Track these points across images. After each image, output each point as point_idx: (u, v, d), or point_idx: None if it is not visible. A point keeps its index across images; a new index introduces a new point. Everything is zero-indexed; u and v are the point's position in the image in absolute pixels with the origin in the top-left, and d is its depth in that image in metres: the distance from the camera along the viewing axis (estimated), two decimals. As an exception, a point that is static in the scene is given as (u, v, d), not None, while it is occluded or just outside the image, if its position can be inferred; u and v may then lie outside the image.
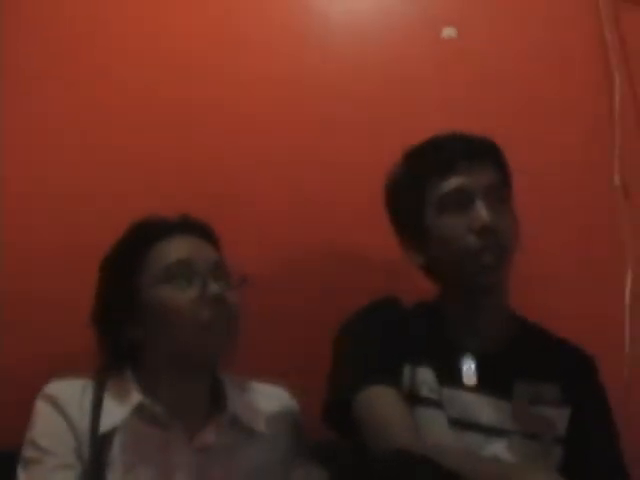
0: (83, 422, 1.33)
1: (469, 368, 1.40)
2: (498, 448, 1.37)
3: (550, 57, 1.96)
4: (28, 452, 1.33)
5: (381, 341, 1.40)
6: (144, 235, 1.42)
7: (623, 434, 1.46)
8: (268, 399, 1.49)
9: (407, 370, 1.39)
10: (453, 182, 1.39)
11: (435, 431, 1.34)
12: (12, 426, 1.39)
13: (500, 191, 1.43)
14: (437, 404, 1.37)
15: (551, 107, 1.93)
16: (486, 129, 1.47)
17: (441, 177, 1.40)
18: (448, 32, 1.97)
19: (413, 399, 1.36)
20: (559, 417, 1.42)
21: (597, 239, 1.85)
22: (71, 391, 1.37)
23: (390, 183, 1.51)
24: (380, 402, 1.31)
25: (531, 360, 1.44)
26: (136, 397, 1.35)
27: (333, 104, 1.95)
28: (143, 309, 1.37)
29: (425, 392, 1.38)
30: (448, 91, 1.95)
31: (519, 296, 1.52)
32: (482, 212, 1.37)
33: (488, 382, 1.39)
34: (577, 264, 1.84)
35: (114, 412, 1.35)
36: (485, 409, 1.38)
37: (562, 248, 1.85)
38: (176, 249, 1.40)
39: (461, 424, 1.37)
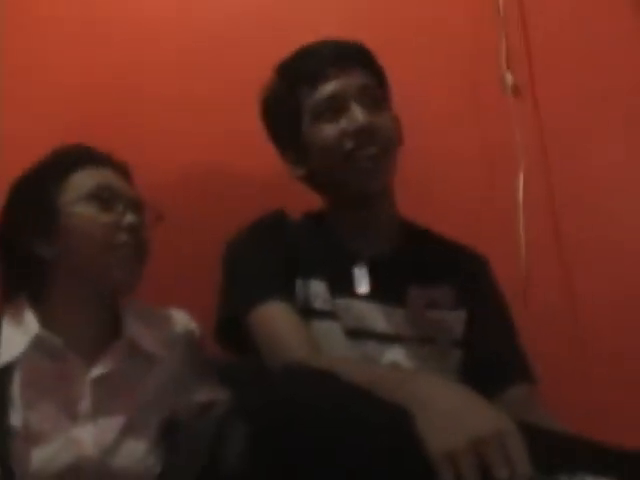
0: None
1: (361, 276, 1.40)
2: (396, 355, 1.37)
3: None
4: None
5: (271, 256, 1.39)
6: (68, 159, 1.43)
7: (522, 336, 1.48)
8: (165, 323, 1.49)
9: (299, 284, 1.39)
10: (325, 89, 1.38)
11: (332, 342, 1.34)
12: None
13: (374, 92, 1.42)
14: (331, 315, 1.37)
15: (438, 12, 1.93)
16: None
17: (313, 85, 1.39)
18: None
19: (307, 312, 1.35)
20: (455, 320, 1.43)
21: (489, 140, 1.86)
22: None
23: (264, 97, 1.49)
24: (274, 317, 1.30)
25: (424, 264, 1.44)
26: (33, 328, 1.34)
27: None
28: (59, 228, 1.36)
29: (319, 304, 1.37)
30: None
31: (413, 199, 1.56)
32: (357, 114, 1.36)
33: (381, 289, 1.40)
34: (470, 165, 1.85)
35: (11, 345, 1.34)
36: (380, 317, 1.38)
37: (455, 150, 1.86)
38: (99, 175, 1.41)
39: (357, 333, 1.37)
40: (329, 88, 1.38)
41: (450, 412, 0.93)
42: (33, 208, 1.38)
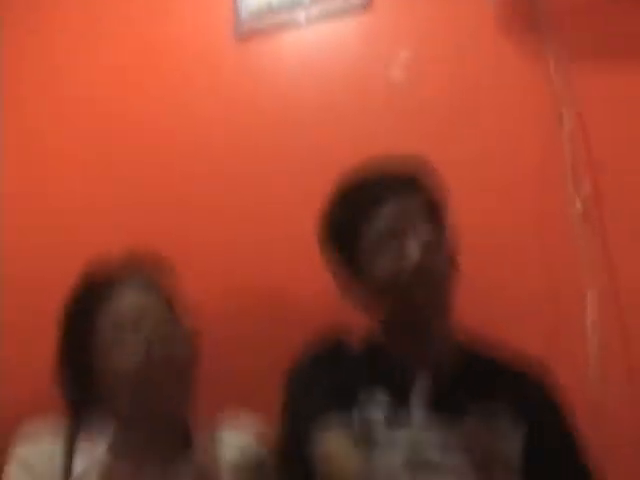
0: (50, 469, 1.38)
1: (418, 404, 1.40)
2: None
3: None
4: None
5: (328, 387, 1.43)
6: (91, 296, 1.44)
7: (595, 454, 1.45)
8: (237, 448, 1.51)
9: (357, 413, 1.40)
10: (381, 223, 1.42)
11: (389, 473, 1.35)
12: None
13: (431, 220, 1.45)
14: (390, 445, 1.37)
15: (501, 137, 1.96)
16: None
17: (370, 219, 1.42)
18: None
19: (366, 442, 1.36)
20: (513, 448, 1.41)
21: (557, 261, 1.86)
22: (41, 454, 1.41)
23: (323, 223, 1.53)
24: (331, 449, 1.34)
25: (483, 388, 1.44)
26: (98, 447, 1.40)
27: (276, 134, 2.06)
28: (94, 373, 1.41)
29: (377, 434, 1.38)
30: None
31: (479, 315, 1.59)
32: (412, 251, 1.38)
33: (438, 417, 1.39)
34: (537, 288, 1.86)
35: (80, 460, 1.40)
36: (437, 446, 1.38)
37: (523, 272, 1.87)
38: (121, 310, 1.41)
39: (413, 463, 1.36)
40: (384, 222, 1.42)
41: None
42: (69, 356, 1.45)
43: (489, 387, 1.45)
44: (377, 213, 1.43)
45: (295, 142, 2.06)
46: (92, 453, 1.40)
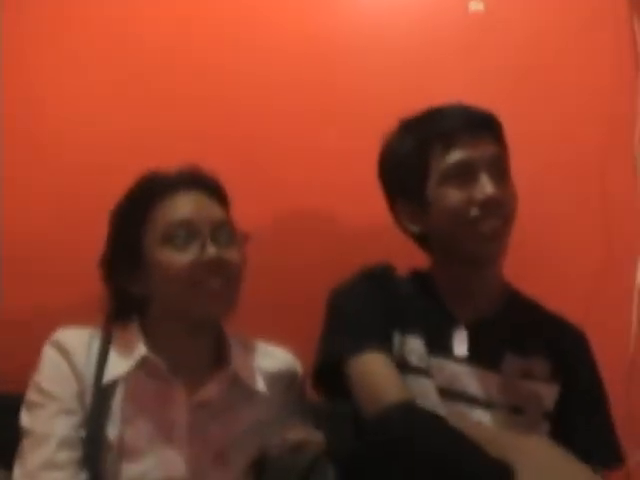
0: (88, 370, 1.36)
1: (459, 339, 1.42)
2: (484, 419, 1.37)
3: (576, 31, 1.95)
4: (32, 396, 1.35)
5: (373, 307, 1.42)
6: (148, 192, 1.42)
7: (625, 416, 1.48)
8: (271, 359, 1.50)
9: (397, 338, 1.40)
10: (457, 154, 1.40)
11: (423, 399, 1.34)
12: (18, 371, 1.42)
13: (502, 164, 1.43)
14: (426, 372, 1.38)
15: (574, 86, 1.93)
16: (510, 104, 1.46)
17: (445, 148, 1.40)
18: (475, 5, 1.96)
19: (402, 366, 1.37)
20: (548, 393, 1.42)
21: (613, 224, 1.85)
22: (79, 339, 1.40)
23: (388, 150, 1.51)
24: (372, 367, 1.32)
25: (523, 333, 1.44)
26: (141, 350, 1.37)
27: (358, 75, 1.98)
28: (145, 267, 1.39)
29: (414, 360, 1.39)
30: (474, 64, 1.96)
31: (527, 269, 1.58)
32: (486, 185, 1.37)
33: (478, 353, 1.40)
34: (590, 244, 1.84)
35: (118, 363, 1.37)
36: (473, 380, 1.39)
37: (576, 227, 1.86)
38: (178, 208, 1.40)
39: (448, 394, 1.38)
40: (461, 154, 1.39)
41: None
42: (121, 247, 1.42)
43: (530, 331, 1.46)
44: (450, 146, 1.41)
45: (367, 79, 1.99)
46: (126, 358, 1.38)
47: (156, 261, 1.37)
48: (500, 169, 1.42)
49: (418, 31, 1.98)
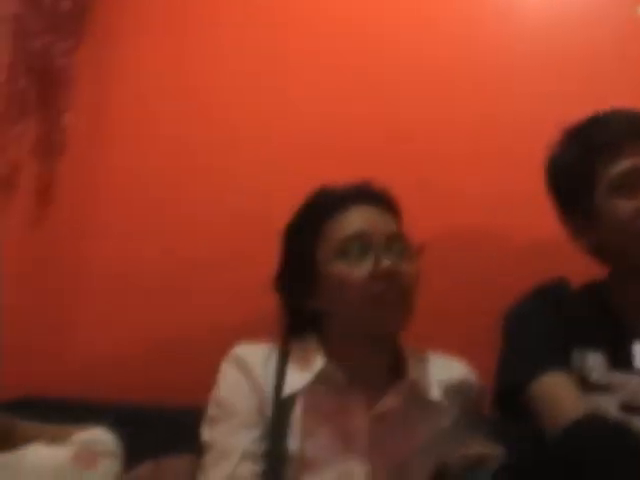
0: (267, 384, 1.39)
1: None
2: None
3: None
4: (213, 411, 1.40)
5: (551, 326, 1.40)
6: (321, 207, 1.45)
7: None
8: (447, 370, 1.49)
9: (576, 354, 1.37)
10: (624, 164, 1.36)
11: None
12: (197, 385, 1.46)
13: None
14: (606, 389, 1.33)
15: None
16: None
17: (611, 157, 1.36)
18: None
19: (582, 384, 1.33)
20: None
21: None
22: (257, 354, 1.43)
23: (554, 160, 1.47)
24: (555, 388, 1.31)
25: None
26: (319, 363, 1.39)
27: (518, 76, 1.97)
28: (320, 282, 1.41)
29: (594, 376, 1.35)
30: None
31: None
32: None
33: None
34: None
35: (297, 377, 1.40)
36: None
37: None
38: (351, 222, 1.41)
39: (630, 408, 1.32)
40: (628, 163, 1.36)
41: None
42: (295, 264, 1.45)
43: None
44: (617, 154, 1.36)
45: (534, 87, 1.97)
46: (305, 371, 1.40)
47: (331, 276, 1.39)
48: None
49: (581, 36, 1.95)
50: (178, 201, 2.10)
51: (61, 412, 1.42)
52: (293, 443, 1.35)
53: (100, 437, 1.27)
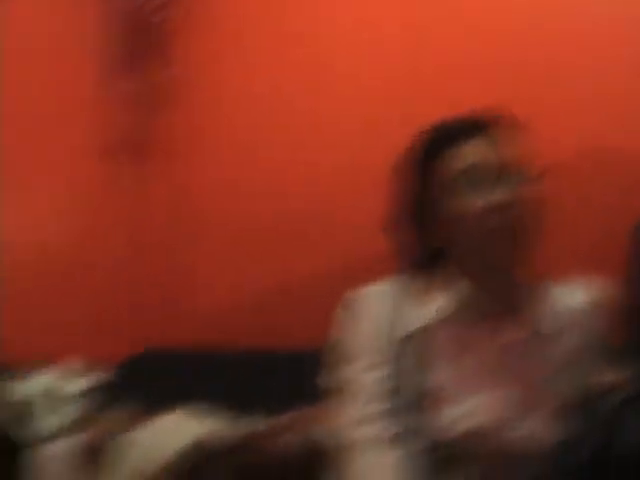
0: (388, 324, 1.39)
1: None
2: None
3: None
4: (334, 355, 1.41)
5: None
6: (432, 143, 1.42)
7: None
8: (568, 298, 1.45)
9: None
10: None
11: None
12: (314, 330, 1.50)
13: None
14: None
15: None
16: None
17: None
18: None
19: None
20: None
21: None
22: (376, 294, 1.43)
23: None
24: None
25: None
26: (441, 299, 1.40)
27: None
28: (434, 220, 1.39)
29: None
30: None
31: None
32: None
33: None
34: None
35: (420, 314, 1.40)
36: None
37: None
38: (460, 158, 1.38)
39: None
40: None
41: None
42: (410, 201, 1.43)
43: None
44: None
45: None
46: (427, 308, 1.40)
47: (444, 213, 1.38)
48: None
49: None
50: (288, 150, 2.11)
51: (180, 366, 1.46)
52: (424, 379, 1.35)
53: None
